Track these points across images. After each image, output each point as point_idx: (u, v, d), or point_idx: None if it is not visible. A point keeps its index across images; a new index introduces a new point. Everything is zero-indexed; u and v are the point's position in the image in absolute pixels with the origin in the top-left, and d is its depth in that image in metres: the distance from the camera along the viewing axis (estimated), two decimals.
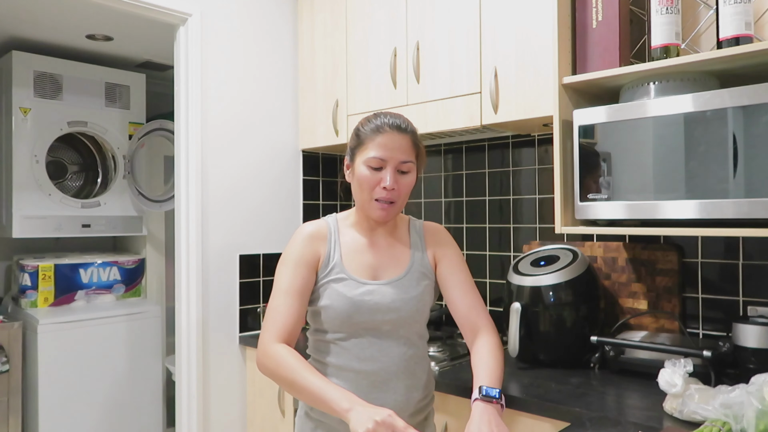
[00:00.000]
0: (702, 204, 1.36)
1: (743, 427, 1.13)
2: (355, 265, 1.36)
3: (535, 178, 2.19)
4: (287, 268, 1.35)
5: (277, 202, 2.56)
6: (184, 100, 2.30)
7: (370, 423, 1.07)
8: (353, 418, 1.11)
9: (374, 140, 1.31)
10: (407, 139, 1.33)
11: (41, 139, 2.95)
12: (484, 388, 1.22)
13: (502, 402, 1.23)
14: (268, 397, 2.31)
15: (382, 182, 1.31)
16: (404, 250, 1.41)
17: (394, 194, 1.32)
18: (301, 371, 1.22)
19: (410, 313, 1.35)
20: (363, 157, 1.33)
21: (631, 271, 1.91)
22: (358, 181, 1.35)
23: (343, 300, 1.32)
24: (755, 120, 1.28)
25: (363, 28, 2.32)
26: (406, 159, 1.32)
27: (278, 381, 1.27)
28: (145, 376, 3.10)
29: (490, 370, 1.28)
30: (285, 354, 1.25)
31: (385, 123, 1.33)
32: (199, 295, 2.28)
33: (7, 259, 3.24)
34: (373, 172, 1.32)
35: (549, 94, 1.75)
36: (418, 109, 2.11)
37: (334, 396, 1.16)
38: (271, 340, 1.29)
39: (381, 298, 1.33)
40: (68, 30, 2.81)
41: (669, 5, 1.48)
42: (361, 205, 1.37)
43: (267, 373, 1.29)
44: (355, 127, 1.39)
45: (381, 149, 1.31)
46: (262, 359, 1.29)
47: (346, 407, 1.13)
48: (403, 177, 1.33)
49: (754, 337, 1.50)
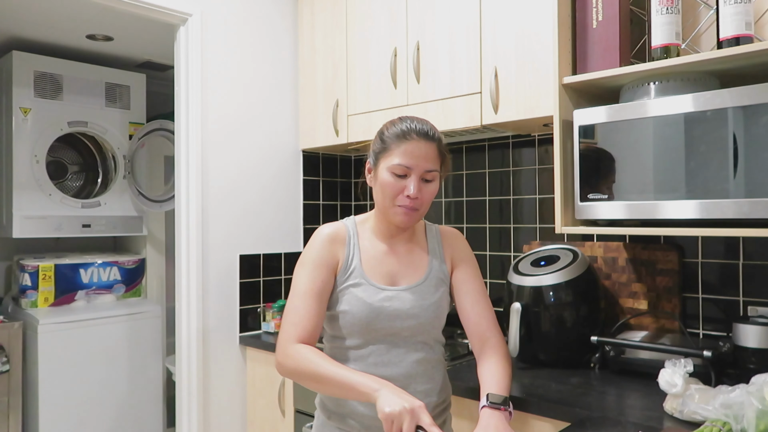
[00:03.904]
0: (702, 204, 1.36)
1: (743, 427, 1.13)
2: (375, 270, 1.35)
3: (536, 178, 2.19)
4: (306, 270, 1.33)
5: (277, 202, 2.56)
6: (184, 100, 2.30)
7: (397, 406, 1.06)
8: (382, 396, 1.09)
9: (400, 147, 1.29)
10: (433, 147, 1.31)
11: (41, 139, 2.95)
12: (490, 396, 1.22)
13: (510, 409, 1.22)
14: (268, 397, 2.31)
15: (406, 190, 1.28)
16: (422, 256, 1.40)
17: (417, 203, 1.30)
18: (323, 364, 1.20)
19: (429, 320, 1.34)
20: (387, 163, 1.30)
21: (631, 271, 1.91)
22: (381, 187, 1.32)
23: (362, 306, 1.30)
24: (755, 120, 1.28)
25: (363, 28, 2.32)
26: (431, 168, 1.30)
27: (301, 378, 1.25)
28: (145, 376, 3.10)
29: (498, 378, 1.27)
30: (305, 351, 1.23)
31: (412, 129, 1.30)
32: (199, 295, 2.28)
33: (7, 259, 3.23)
34: (397, 179, 1.29)
35: (549, 94, 1.75)
36: (419, 109, 2.11)
37: (362, 380, 1.15)
38: (290, 340, 1.27)
39: (400, 305, 1.32)
40: (68, 30, 2.81)
41: (669, 5, 1.48)
42: (383, 210, 1.34)
43: (288, 373, 1.27)
44: (380, 130, 1.36)
45: (406, 157, 1.28)
46: (282, 360, 1.26)
47: (375, 387, 1.12)
48: (427, 185, 1.31)
49: (755, 337, 1.50)
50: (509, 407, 1.22)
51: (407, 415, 1.05)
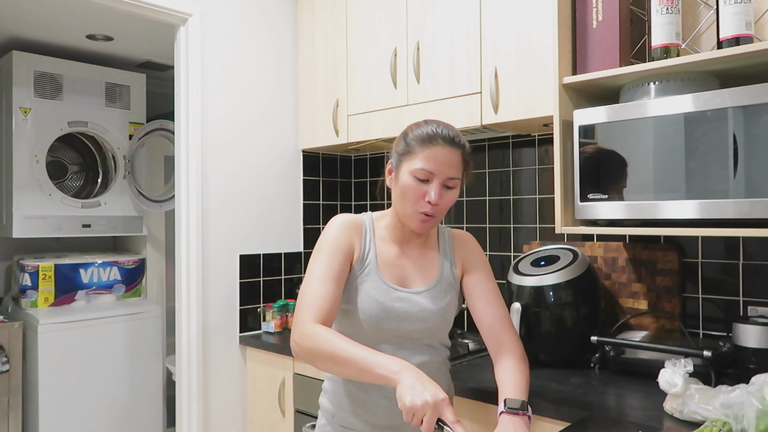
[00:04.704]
0: (702, 204, 1.36)
1: (743, 427, 1.13)
2: (388, 270, 1.34)
3: (536, 178, 2.19)
4: (322, 255, 1.30)
5: (277, 202, 2.56)
6: (185, 100, 2.30)
7: (419, 399, 1.01)
8: (403, 382, 1.05)
9: (424, 151, 1.27)
10: (458, 154, 1.29)
11: (41, 139, 2.95)
12: (508, 401, 1.21)
13: (529, 413, 1.21)
14: (268, 397, 2.31)
15: (427, 196, 1.27)
16: (434, 260, 1.40)
17: (436, 209, 1.29)
18: (342, 343, 1.14)
19: (437, 324, 1.34)
20: (410, 167, 1.28)
21: (631, 271, 1.91)
22: (401, 190, 1.30)
23: (373, 304, 1.30)
24: (755, 120, 1.28)
25: (363, 28, 2.32)
26: (454, 175, 1.29)
27: (318, 359, 1.18)
28: (145, 376, 3.10)
29: (515, 382, 1.26)
30: (323, 331, 1.18)
31: (438, 134, 1.28)
32: (199, 295, 2.28)
33: (7, 259, 3.24)
34: (419, 183, 1.27)
35: (549, 94, 1.75)
36: (419, 109, 2.11)
37: (382, 361, 1.10)
38: (308, 321, 1.21)
39: (410, 307, 1.32)
40: (68, 30, 2.81)
41: (669, 5, 1.48)
42: (401, 213, 1.33)
43: (305, 353, 1.20)
44: (404, 132, 1.34)
45: (430, 162, 1.26)
46: (299, 339, 1.20)
47: (395, 369, 1.07)
48: (448, 192, 1.30)
49: (755, 337, 1.50)
50: (528, 411, 1.20)
51: (429, 409, 1.01)
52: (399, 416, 1.32)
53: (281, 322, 2.42)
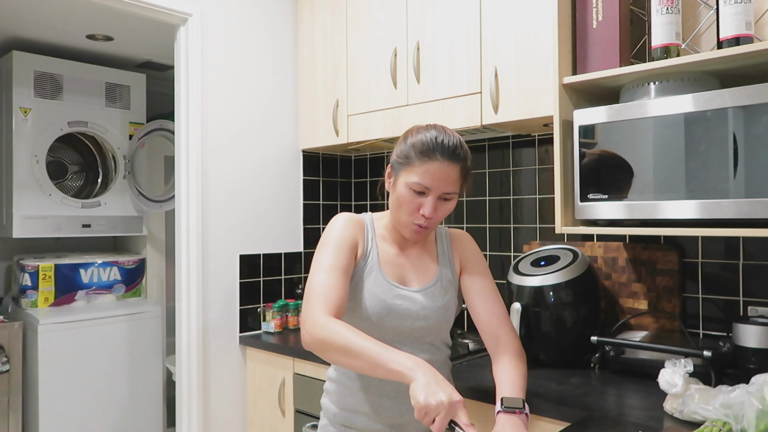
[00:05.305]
0: (702, 204, 1.36)
1: (743, 427, 1.13)
2: (388, 268, 1.35)
3: (536, 178, 2.19)
4: (329, 248, 1.29)
5: (277, 202, 2.56)
6: (185, 100, 2.30)
7: (434, 399, 1.00)
8: (418, 379, 1.03)
9: (422, 165, 1.25)
10: (456, 169, 1.27)
11: (41, 139, 2.95)
12: (505, 400, 1.21)
13: (526, 411, 1.21)
14: (268, 397, 2.31)
15: (422, 209, 1.27)
16: (432, 259, 1.41)
17: (430, 221, 1.29)
18: (355, 336, 1.12)
19: (438, 322, 1.35)
20: (407, 179, 1.27)
21: (631, 271, 1.91)
22: (397, 199, 1.31)
23: (375, 301, 1.30)
24: (755, 120, 1.28)
25: (363, 28, 2.32)
26: (451, 191, 1.28)
27: (330, 350, 1.15)
28: (145, 376, 3.10)
29: (512, 379, 1.26)
30: (337, 323, 1.16)
31: (438, 147, 1.25)
32: (199, 295, 2.28)
33: (7, 259, 3.23)
34: (415, 195, 1.27)
35: (549, 94, 1.75)
36: (419, 109, 2.11)
37: (395, 356, 1.08)
38: (320, 312, 1.18)
39: (411, 305, 1.32)
40: (68, 30, 2.81)
41: (669, 5, 1.48)
42: (396, 220, 1.34)
43: (317, 343, 1.16)
44: (405, 134, 1.33)
45: (427, 178, 1.25)
46: (312, 329, 1.16)
47: (410, 366, 1.06)
48: (444, 204, 1.30)
49: (755, 337, 1.50)
50: (525, 409, 1.20)
51: (443, 410, 1.00)
52: (401, 416, 1.33)
53: (281, 322, 2.42)
